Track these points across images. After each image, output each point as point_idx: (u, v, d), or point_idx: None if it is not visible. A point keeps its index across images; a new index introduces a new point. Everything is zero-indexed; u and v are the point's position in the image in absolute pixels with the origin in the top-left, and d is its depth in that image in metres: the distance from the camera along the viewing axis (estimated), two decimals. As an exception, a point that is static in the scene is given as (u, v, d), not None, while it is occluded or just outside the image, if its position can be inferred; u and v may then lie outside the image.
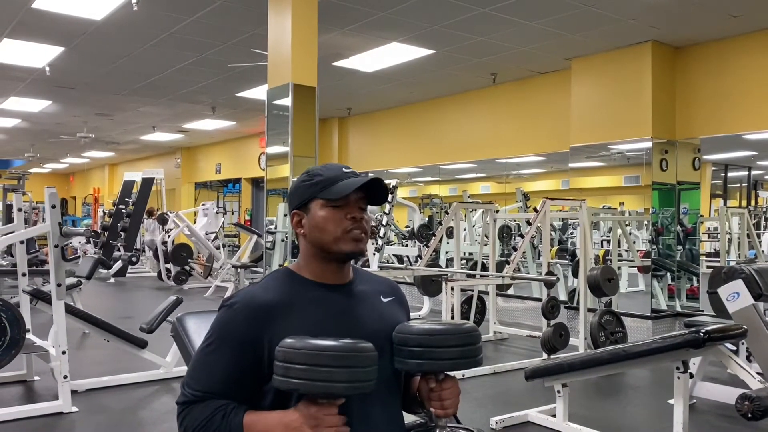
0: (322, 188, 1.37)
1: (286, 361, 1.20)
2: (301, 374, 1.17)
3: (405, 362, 1.36)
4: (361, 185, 1.36)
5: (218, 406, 1.29)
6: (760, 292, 3.68)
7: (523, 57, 7.46)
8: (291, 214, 1.43)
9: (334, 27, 6.37)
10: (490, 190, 11.06)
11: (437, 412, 1.35)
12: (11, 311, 3.92)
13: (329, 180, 1.38)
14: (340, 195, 1.36)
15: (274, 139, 5.60)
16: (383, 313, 1.44)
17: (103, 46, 7.29)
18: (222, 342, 1.33)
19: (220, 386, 1.31)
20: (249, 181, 14.78)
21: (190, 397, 1.32)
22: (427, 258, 6.80)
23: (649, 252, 7.08)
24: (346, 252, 1.37)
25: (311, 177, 1.41)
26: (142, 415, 4.11)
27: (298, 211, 1.41)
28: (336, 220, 1.36)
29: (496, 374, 5.15)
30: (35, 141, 15.61)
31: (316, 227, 1.37)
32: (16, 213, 5.10)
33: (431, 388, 1.36)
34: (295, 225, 1.42)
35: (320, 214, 1.37)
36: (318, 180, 1.39)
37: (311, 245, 1.40)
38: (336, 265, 1.41)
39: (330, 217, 1.36)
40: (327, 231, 1.36)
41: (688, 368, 3.10)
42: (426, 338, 1.33)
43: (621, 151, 7.30)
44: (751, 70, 6.43)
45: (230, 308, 1.35)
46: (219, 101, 10.42)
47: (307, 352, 1.18)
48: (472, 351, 1.34)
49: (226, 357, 1.31)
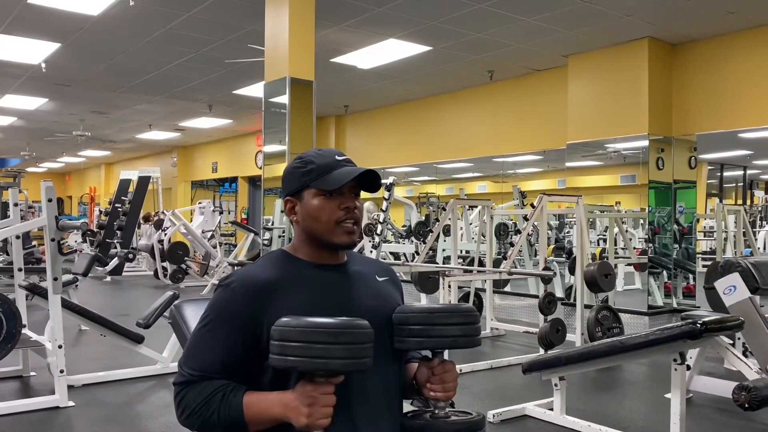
0: (316, 177, 1.36)
1: (282, 339, 1.19)
2: (298, 352, 1.17)
3: (405, 341, 1.36)
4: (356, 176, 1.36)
5: (217, 386, 1.28)
6: (757, 285, 3.70)
7: (520, 54, 7.47)
8: (284, 200, 1.43)
9: (331, 23, 6.37)
10: (487, 189, 11.08)
11: (437, 395, 1.35)
12: (7, 305, 3.91)
13: (323, 168, 1.36)
14: (335, 186, 1.35)
15: (271, 138, 5.59)
16: (379, 291, 1.44)
17: (99, 43, 7.27)
18: (220, 321, 1.31)
19: (219, 366, 1.29)
20: (246, 179, 14.76)
21: (188, 377, 1.30)
22: (424, 255, 6.79)
23: (645, 250, 7.09)
24: (338, 244, 1.37)
25: (304, 164, 1.39)
26: (139, 410, 4.10)
27: (291, 197, 1.40)
28: (329, 210, 1.35)
29: (494, 369, 5.15)
30: (31, 139, 15.56)
31: (309, 215, 1.37)
32: (12, 208, 5.09)
33: (432, 370, 1.36)
34: (288, 211, 1.42)
35: (314, 203, 1.36)
36: (311, 168, 1.37)
37: (304, 232, 1.40)
38: (329, 251, 1.41)
39: (323, 206, 1.35)
40: (320, 220, 1.35)
41: (685, 360, 3.11)
42: (426, 316, 1.35)
43: (618, 150, 7.31)
44: (747, 67, 6.45)
45: (227, 287, 1.33)
46: (216, 99, 10.40)
47: (303, 330, 1.18)
48: (471, 330, 1.36)
49: (224, 336, 1.30)
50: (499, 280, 6.98)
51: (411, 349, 1.44)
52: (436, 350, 1.38)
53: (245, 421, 1.25)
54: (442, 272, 5.46)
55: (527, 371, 3.67)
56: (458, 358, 5.32)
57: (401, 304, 1.45)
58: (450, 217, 6.71)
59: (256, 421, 1.25)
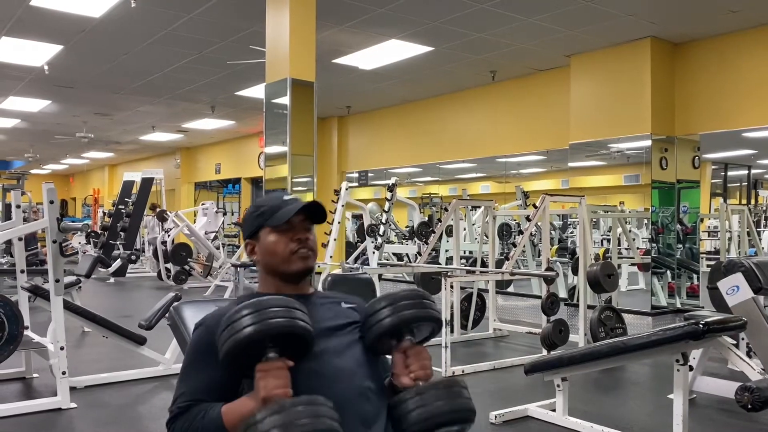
0: (267, 216, 1.54)
1: (221, 329, 1.36)
2: (226, 334, 1.34)
3: (378, 326, 1.50)
4: (302, 209, 1.54)
5: (200, 408, 1.40)
6: (760, 285, 3.67)
7: (522, 54, 7.46)
8: (245, 244, 1.60)
9: (332, 23, 6.37)
10: (489, 189, 11.05)
11: (417, 373, 1.45)
12: (10, 307, 3.91)
13: (273, 208, 1.54)
14: (283, 220, 1.52)
15: (272, 139, 5.58)
16: (341, 313, 1.58)
17: (101, 44, 7.29)
18: (197, 355, 1.47)
19: (203, 394, 1.42)
20: (249, 180, 14.77)
21: (176, 411, 1.45)
22: (426, 255, 6.78)
23: (649, 250, 7.07)
24: (296, 270, 1.53)
25: (257, 209, 1.58)
26: (141, 411, 4.10)
27: (250, 240, 1.58)
28: (283, 243, 1.52)
29: (496, 370, 5.13)
30: (35, 141, 15.60)
31: (267, 251, 1.54)
32: (14, 210, 5.09)
33: (406, 352, 1.48)
34: (249, 253, 1.58)
35: (269, 240, 1.53)
36: (263, 210, 1.56)
37: (266, 269, 1.56)
38: (293, 285, 1.56)
39: (278, 240, 1.52)
40: (276, 253, 1.52)
41: (687, 361, 3.09)
42: (391, 298, 1.52)
43: (621, 150, 7.29)
44: (750, 66, 6.42)
45: (200, 327, 1.51)
46: (218, 100, 10.42)
47: (229, 315, 1.36)
48: (429, 304, 1.54)
49: (203, 365, 1.45)
50: (502, 281, 6.98)
51: (382, 330, 1.51)
52: (404, 335, 1.50)
53: (226, 427, 1.35)
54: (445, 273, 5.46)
55: (530, 372, 3.66)
56: (461, 359, 5.31)
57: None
58: (453, 218, 6.70)
59: (236, 424, 1.32)
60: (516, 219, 9.55)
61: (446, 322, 4.96)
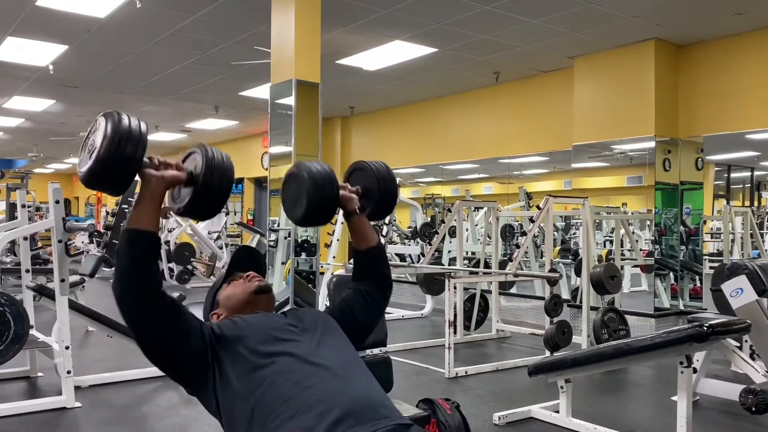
0: (218, 286, 1.83)
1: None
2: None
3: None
4: (235, 264, 1.85)
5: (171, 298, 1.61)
6: (764, 287, 3.67)
7: (526, 55, 7.47)
8: (209, 317, 1.78)
9: (337, 25, 6.38)
10: (492, 190, 11.05)
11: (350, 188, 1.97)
12: (15, 306, 3.93)
13: (220, 278, 1.87)
14: (228, 278, 1.83)
15: (277, 139, 5.59)
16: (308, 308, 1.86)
17: (106, 44, 7.30)
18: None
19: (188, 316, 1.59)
20: (252, 180, 14.79)
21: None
22: (429, 256, 6.79)
23: (652, 252, 7.07)
24: (254, 289, 1.75)
25: (211, 291, 1.87)
26: (146, 411, 4.11)
27: (213, 311, 1.78)
28: (235, 285, 1.78)
29: (499, 371, 5.15)
30: (38, 141, 15.63)
31: (226, 299, 1.76)
32: (19, 209, 5.11)
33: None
34: (216, 318, 1.75)
35: (224, 294, 1.78)
36: (216, 286, 1.86)
37: (231, 312, 1.73)
38: (253, 306, 1.74)
39: (231, 287, 1.78)
40: (234, 293, 1.76)
41: (691, 363, 3.10)
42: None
43: (624, 151, 7.29)
44: (754, 69, 6.42)
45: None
46: (222, 100, 10.43)
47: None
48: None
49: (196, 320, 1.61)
50: (505, 282, 6.98)
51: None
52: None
53: (133, 224, 1.53)
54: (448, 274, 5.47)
55: (533, 373, 3.67)
56: (464, 360, 5.31)
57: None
58: (456, 219, 6.71)
59: (141, 215, 1.56)
60: (519, 220, 9.55)
61: (449, 322, 4.97)
